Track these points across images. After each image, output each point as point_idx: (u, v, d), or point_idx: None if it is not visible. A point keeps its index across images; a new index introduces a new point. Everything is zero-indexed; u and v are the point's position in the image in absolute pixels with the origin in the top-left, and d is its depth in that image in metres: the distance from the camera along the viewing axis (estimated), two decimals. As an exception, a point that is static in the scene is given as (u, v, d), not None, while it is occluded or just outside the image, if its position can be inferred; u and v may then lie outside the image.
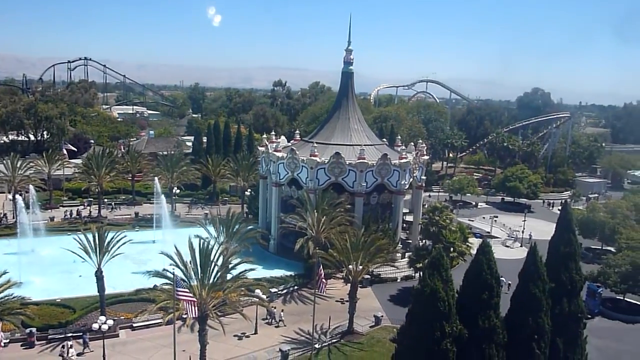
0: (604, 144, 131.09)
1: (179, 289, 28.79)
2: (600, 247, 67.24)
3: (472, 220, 79.56)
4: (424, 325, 22.22)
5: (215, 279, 32.90)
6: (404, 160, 58.02)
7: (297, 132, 73.41)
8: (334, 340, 40.66)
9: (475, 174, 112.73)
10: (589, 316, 48.45)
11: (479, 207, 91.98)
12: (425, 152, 64.76)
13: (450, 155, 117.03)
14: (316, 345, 39.42)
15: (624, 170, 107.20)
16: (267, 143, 63.55)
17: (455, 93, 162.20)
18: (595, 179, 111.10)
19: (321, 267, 33.63)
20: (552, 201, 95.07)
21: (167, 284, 32.22)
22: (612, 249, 62.42)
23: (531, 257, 24.14)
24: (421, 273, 34.23)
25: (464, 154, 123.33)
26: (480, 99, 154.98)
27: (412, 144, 66.87)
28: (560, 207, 48.01)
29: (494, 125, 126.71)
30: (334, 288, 51.26)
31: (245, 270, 34.74)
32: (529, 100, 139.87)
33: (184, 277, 31.60)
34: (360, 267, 41.47)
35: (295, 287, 50.38)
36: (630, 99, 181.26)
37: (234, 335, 40.61)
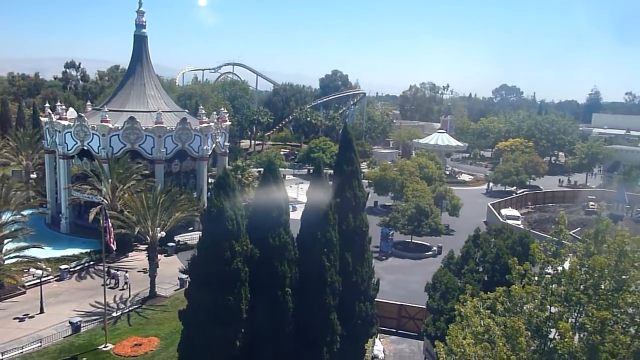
0: (394, 121, 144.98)
1: None
2: (392, 204, 73.79)
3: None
4: (213, 246, 21.39)
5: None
6: (204, 125, 56.57)
7: (88, 103, 67.05)
8: (135, 307, 38.08)
9: (282, 149, 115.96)
10: (384, 257, 53.25)
11: (286, 178, 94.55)
12: (227, 119, 64.02)
13: (258, 133, 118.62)
14: (114, 314, 36.60)
15: (411, 141, 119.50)
16: (51, 112, 56.76)
17: (261, 76, 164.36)
18: (388, 149, 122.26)
19: (109, 220, 30.77)
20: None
21: None
22: (402, 203, 69.02)
23: (316, 173, 24.83)
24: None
25: (271, 131, 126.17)
26: (287, 83, 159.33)
27: (215, 112, 65.67)
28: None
29: (299, 105, 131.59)
30: (136, 259, 48.27)
31: (18, 228, 30.28)
32: (330, 81, 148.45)
33: None
34: (159, 228, 39.45)
35: (91, 263, 46.02)
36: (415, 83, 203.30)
37: (15, 318, 35.75)
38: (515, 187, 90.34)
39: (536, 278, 16.12)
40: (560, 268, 14.99)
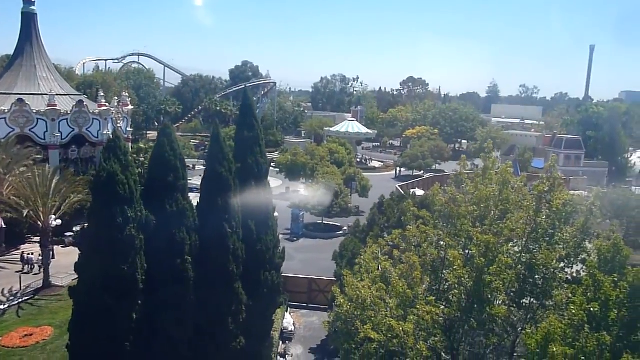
0: (306, 111, 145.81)
1: None
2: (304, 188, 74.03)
3: (190, 180, 79.24)
4: (103, 212, 20.03)
5: None
6: (104, 108, 53.55)
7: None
8: (27, 298, 35.27)
9: (192, 140, 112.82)
10: (295, 238, 53.26)
11: (196, 169, 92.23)
12: (129, 103, 61.11)
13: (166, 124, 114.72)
14: (1, 307, 33.67)
15: (322, 130, 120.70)
16: None
17: (169, 67, 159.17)
18: (300, 139, 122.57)
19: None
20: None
21: None
22: (312, 185, 69.41)
23: (215, 138, 23.99)
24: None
25: (180, 122, 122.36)
26: (196, 74, 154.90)
27: (116, 97, 62.46)
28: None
29: (209, 96, 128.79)
30: (30, 252, 44.88)
31: None
32: (240, 72, 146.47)
33: None
34: (53, 216, 36.82)
35: (-26, 257, 42.17)
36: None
37: None
38: (422, 171, 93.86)
39: (432, 222, 16.48)
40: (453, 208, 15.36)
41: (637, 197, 46.55)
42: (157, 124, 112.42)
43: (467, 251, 14.57)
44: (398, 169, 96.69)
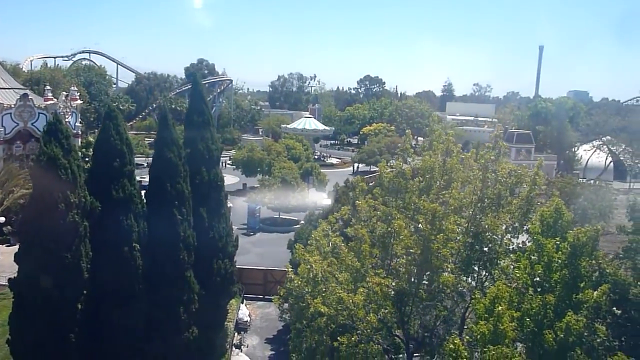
0: (263, 110, 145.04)
1: None
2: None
3: (144, 178, 77.54)
4: (44, 198, 19.11)
5: None
6: (50, 102, 51.65)
7: None
8: (-34, 298, 33.64)
9: (147, 138, 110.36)
10: (251, 233, 52.83)
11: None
12: (77, 97, 59.16)
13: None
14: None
15: (279, 127, 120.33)
16: None
17: (122, 65, 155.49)
18: (257, 137, 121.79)
19: None
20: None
21: None
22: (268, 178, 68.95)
23: (163, 123, 23.39)
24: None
25: (134, 120, 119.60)
26: (151, 72, 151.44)
27: (64, 92, 60.32)
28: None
29: (164, 93, 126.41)
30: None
31: None
32: (196, 70, 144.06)
33: None
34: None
35: None
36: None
37: None
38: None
39: (381, 198, 16.45)
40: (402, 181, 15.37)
41: (583, 185, 48.23)
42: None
43: (417, 225, 14.60)
44: (356, 165, 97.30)
